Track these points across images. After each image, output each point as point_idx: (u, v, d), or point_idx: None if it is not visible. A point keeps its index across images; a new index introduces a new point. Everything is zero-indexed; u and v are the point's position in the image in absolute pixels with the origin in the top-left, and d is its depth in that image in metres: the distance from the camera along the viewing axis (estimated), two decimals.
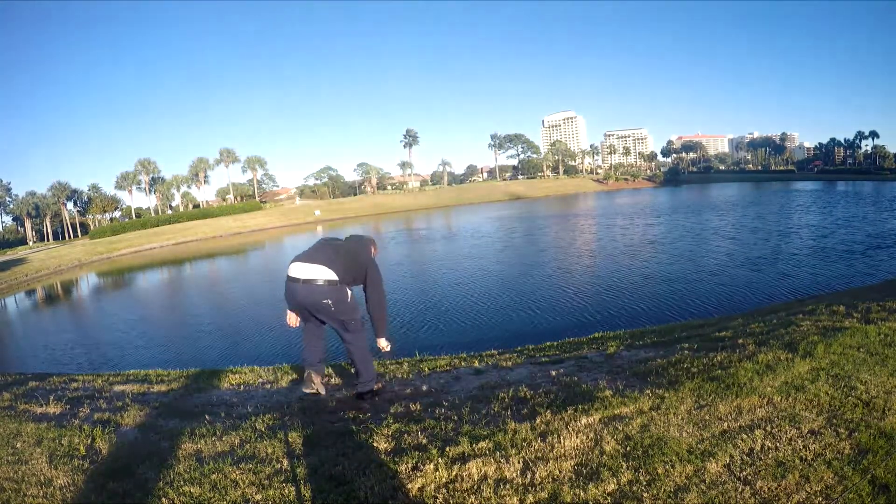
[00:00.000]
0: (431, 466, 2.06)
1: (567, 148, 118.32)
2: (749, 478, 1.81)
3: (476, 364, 4.07)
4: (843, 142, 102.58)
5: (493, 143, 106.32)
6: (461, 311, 11.74)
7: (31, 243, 67.72)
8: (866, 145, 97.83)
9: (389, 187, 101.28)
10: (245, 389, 3.81)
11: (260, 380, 4.06)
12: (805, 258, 14.86)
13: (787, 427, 2.12)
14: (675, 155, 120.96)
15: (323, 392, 3.38)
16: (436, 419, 2.67)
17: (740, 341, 3.54)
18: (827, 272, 12.93)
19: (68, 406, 3.38)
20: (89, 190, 79.16)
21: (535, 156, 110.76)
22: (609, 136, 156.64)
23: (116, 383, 4.31)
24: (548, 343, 5.79)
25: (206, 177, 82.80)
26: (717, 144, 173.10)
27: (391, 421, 2.67)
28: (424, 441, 2.33)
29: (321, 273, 3.06)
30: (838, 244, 16.75)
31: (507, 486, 1.89)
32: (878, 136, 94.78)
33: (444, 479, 1.96)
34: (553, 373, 3.46)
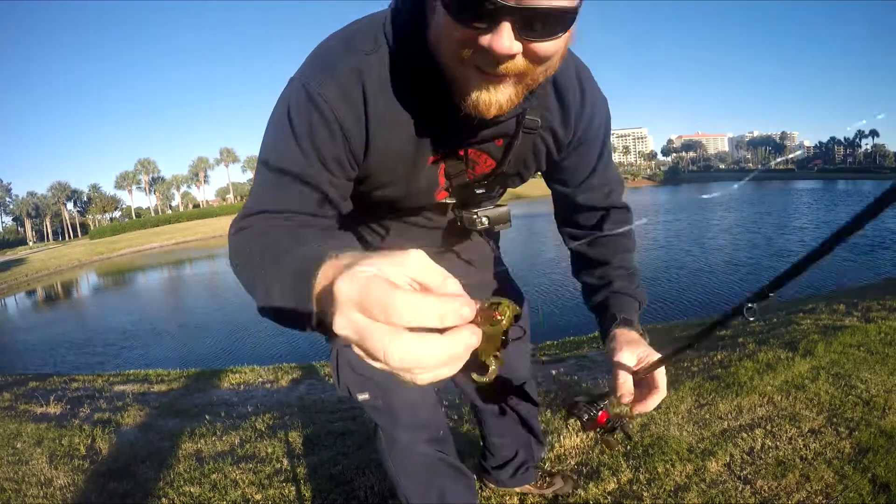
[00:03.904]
0: None
1: None
2: (749, 477, 1.81)
3: None
4: (843, 141, 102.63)
5: None
6: None
7: (31, 243, 67.82)
8: (866, 144, 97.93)
9: None
10: (245, 389, 3.81)
11: (260, 379, 4.07)
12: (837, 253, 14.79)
13: (787, 426, 2.12)
14: (675, 154, 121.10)
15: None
16: None
17: (740, 340, 3.53)
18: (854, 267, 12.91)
19: (68, 406, 3.39)
20: (89, 190, 79.36)
21: None
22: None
23: (116, 383, 4.31)
24: (548, 342, 5.78)
25: (206, 177, 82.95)
26: (717, 143, 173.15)
27: None
28: None
29: None
30: (860, 241, 16.70)
31: None
32: (878, 135, 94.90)
33: None
34: (553, 372, 3.46)
